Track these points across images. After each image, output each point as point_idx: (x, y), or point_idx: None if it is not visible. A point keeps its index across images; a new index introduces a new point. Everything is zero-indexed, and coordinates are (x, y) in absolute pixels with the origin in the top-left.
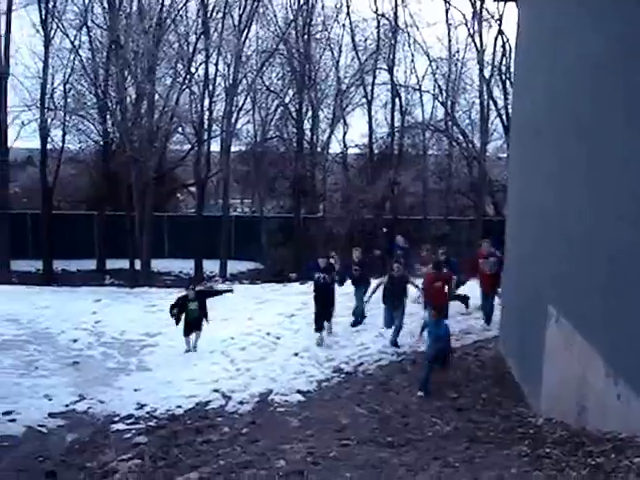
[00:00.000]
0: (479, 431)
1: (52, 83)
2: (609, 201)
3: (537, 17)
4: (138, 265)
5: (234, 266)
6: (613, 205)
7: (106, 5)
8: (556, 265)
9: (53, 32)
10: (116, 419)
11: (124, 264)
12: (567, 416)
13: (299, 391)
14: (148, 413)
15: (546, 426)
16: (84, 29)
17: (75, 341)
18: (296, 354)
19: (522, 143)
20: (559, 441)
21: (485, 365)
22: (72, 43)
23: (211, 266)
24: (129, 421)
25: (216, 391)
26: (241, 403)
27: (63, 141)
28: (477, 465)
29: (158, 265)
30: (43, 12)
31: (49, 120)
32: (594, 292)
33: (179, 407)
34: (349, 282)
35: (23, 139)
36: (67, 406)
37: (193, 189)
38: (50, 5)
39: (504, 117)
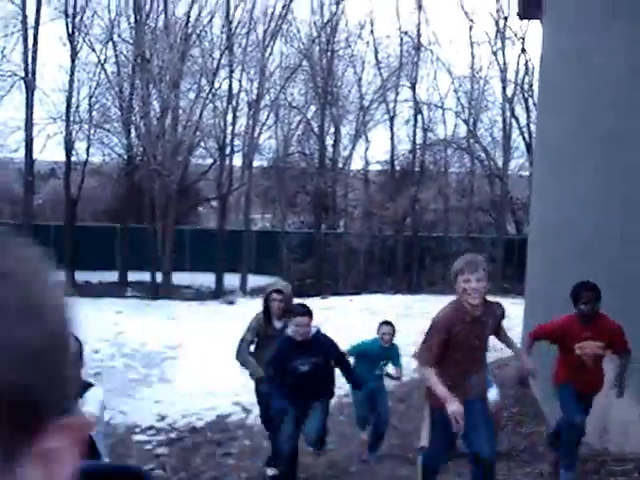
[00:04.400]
0: (500, 449)
1: (78, 96)
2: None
3: (563, 35)
4: (159, 278)
5: (255, 280)
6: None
7: (132, 20)
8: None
9: (79, 46)
10: (137, 430)
11: (145, 276)
12: (589, 436)
13: None
14: (169, 425)
15: None
16: (110, 43)
17: (97, 352)
18: None
19: (546, 162)
20: (581, 460)
21: (505, 384)
22: (98, 57)
23: (232, 280)
24: (150, 432)
25: (237, 404)
26: None
27: (87, 154)
28: None
29: (179, 278)
30: (70, 26)
31: (74, 133)
32: (615, 315)
33: (200, 419)
34: None
35: (47, 151)
36: None
37: (215, 203)
38: (77, 20)
39: (526, 135)
